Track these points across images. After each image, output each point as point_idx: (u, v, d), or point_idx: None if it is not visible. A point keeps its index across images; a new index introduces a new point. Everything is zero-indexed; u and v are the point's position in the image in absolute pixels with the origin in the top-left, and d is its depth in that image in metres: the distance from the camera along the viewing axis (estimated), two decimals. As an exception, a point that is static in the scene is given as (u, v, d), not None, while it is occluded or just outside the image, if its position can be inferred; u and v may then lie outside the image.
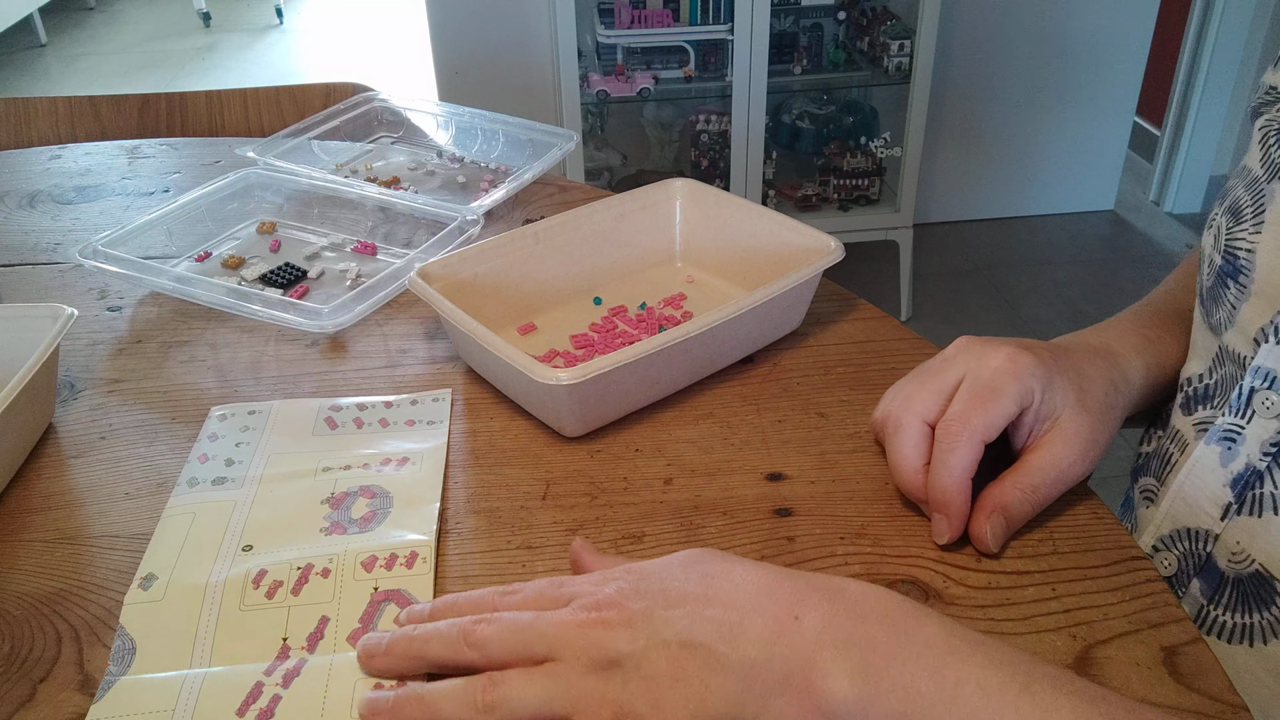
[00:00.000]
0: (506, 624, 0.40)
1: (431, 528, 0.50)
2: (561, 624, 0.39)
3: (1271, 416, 0.48)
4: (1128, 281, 2.41)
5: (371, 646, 0.42)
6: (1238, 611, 0.50)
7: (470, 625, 0.41)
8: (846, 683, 0.35)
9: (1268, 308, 0.49)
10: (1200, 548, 0.52)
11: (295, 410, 0.59)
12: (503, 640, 0.40)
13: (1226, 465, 0.50)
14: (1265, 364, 0.49)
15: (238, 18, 4.43)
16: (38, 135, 1.12)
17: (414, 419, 0.58)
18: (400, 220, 0.79)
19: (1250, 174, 0.52)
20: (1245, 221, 0.51)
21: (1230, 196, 0.54)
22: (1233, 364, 0.52)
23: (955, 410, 0.49)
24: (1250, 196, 0.52)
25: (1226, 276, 0.52)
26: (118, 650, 0.44)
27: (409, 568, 0.48)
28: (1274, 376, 0.48)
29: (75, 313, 0.58)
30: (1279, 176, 0.50)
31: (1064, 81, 2.46)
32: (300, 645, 0.44)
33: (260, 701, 0.41)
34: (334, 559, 0.48)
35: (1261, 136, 0.52)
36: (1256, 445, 0.49)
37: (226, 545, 0.49)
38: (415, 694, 0.40)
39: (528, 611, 0.41)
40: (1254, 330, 0.50)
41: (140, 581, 0.47)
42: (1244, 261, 0.51)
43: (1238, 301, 0.51)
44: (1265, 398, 0.48)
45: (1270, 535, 0.48)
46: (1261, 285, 0.50)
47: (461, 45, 2.21)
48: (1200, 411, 0.54)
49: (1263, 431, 0.49)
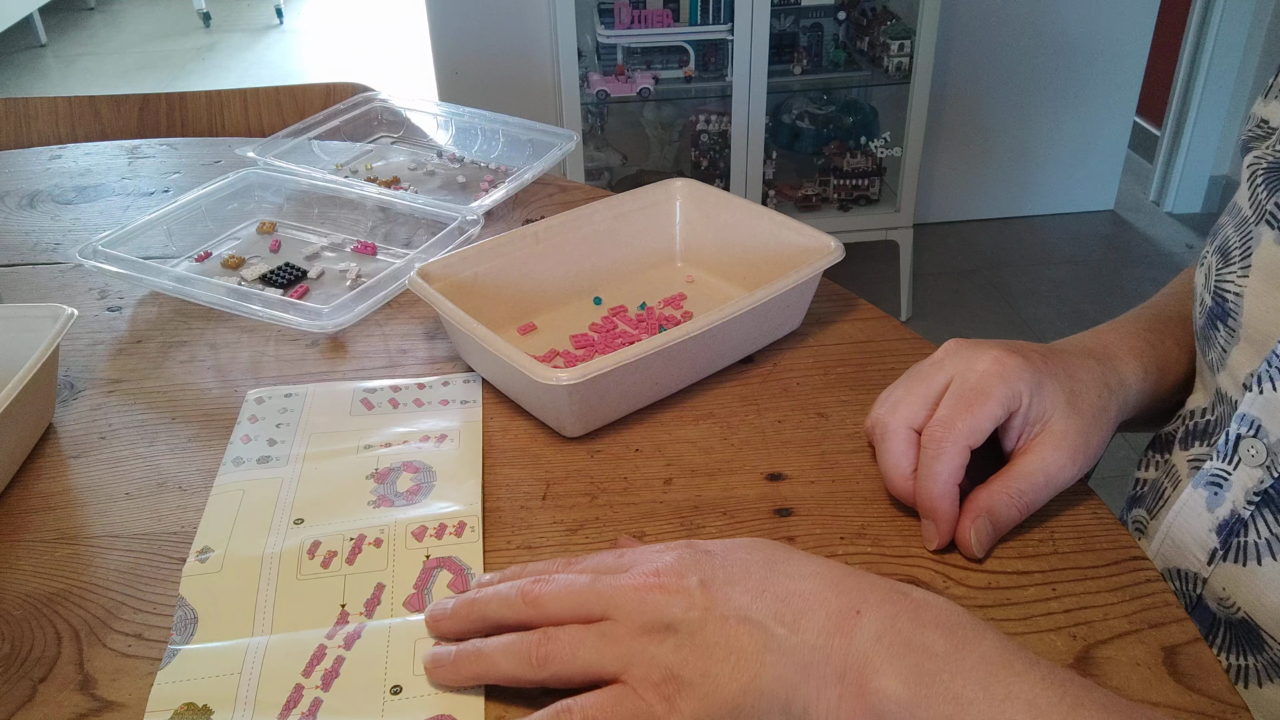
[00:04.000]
0: (564, 584, 0.41)
1: (476, 499, 0.52)
2: (619, 586, 0.40)
3: (1256, 465, 0.48)
4: (1128, 281, 2.41)
5: (437, 612, 0.44)
6: (1231, 653, 0.50)
7: (529, 585, 0.42)
8: (899, 685, 0.36)
9: (1255, 354, 0.49)
10: (1191, 590, 0.52)
11: (331, 392, 0.61)
12: (560, 599, 0.41)
13: (1213, 510, 0.50)
14: (1250, 412, 0.48)
15: (238, 18, 4.43)
16: (38, 135, 1.12)
17: (448, 399, 0.60)
18: (400, 220, 0.79)
19: (1240, 213, 0.52)
20: (1234, 263, 0.51)
21: (1220, 235, 0.53)
22: (1226, 405, 0.51)
23: (941, 416, 0.48)
24: (1239, 238, 0.51)
25: (1216, 319, 0.52)
26: (180, 620, 0.45)
27: (458, 536, 0.50)
28: (1258, 424, 0.48)
29: (75, 313, 0.58)
30: (1266, 219, 0.49)
31: (1064, 81, 2.46)
32: (359, 611, 0.46)
33: (324, 663, 0.43)
34: (385, 530, 0.50)
35: (1249, 175, 0.51)
36: (1241, 492, 0.48)
37: (278, 519, 0.51)
38: (474, 649, 0.41)
39: (587, 574, 0.42)
40: (1243, 375, 0.49)
41: (197, 555, 0.49)
42: (1232, 305, 0.50)
43: (1228, 345, 0.51)
44: (1250, 445, 0.48)
45: (1254, 584, 0.48)
46: (1249, 331, 0.49)
47: (461, 45, 2.21)
48: (1196, 448, 0.54)
49: (1248, 479, 0.48)
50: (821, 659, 0.37)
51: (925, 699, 0.35)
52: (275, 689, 0.42)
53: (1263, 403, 0.48)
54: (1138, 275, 2.43)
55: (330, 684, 0.42)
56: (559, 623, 0.40)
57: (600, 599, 0.40)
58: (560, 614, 0.41)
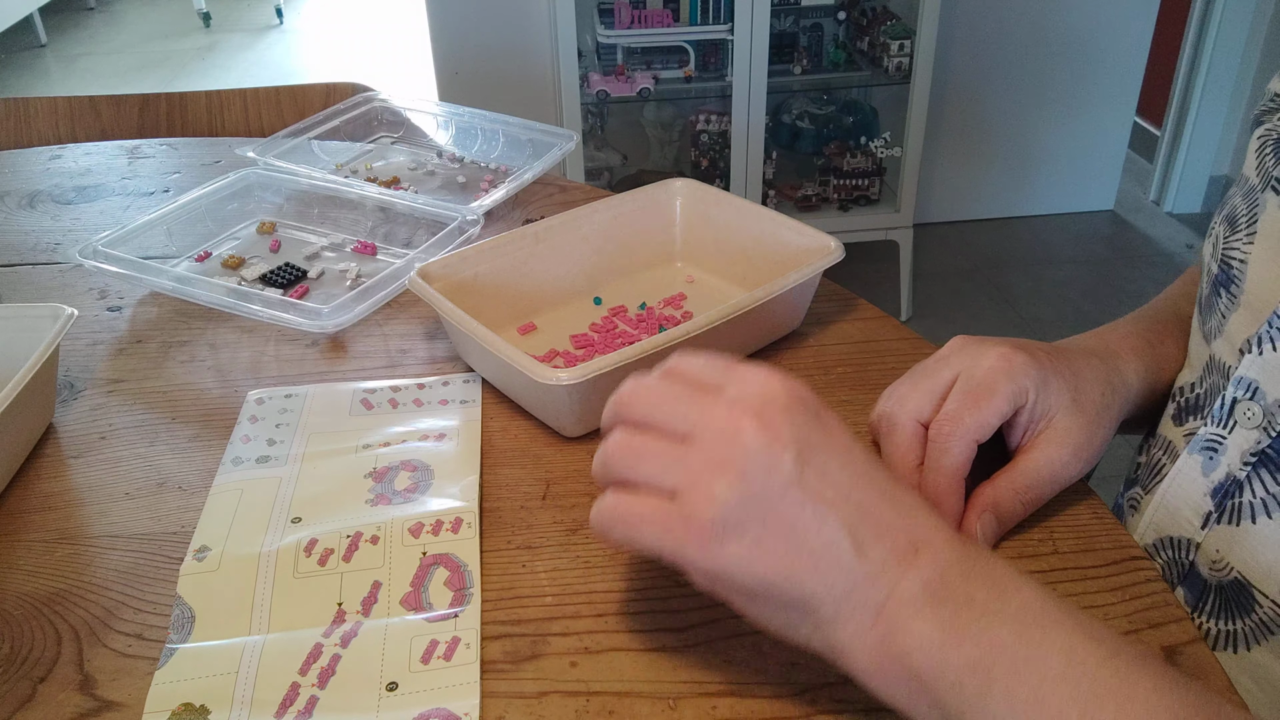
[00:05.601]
0: (660, 391, 0.40)
1: (474, 495, 0.52)
2: (711, 412, 0.39)
3: (1252, 427, 0.48)
4: (1128, 281, 2.41)
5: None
6: (1220, 619, 0.50)
7: (628, 393, 0.41)
8: (934, 629, 0.36)
9: (1253, 320, 0.49)
10: (1183, 556, 0.52)
11: (330, 393, 0.61)
12: (649, 405, 0.40)
13: (1208, 475, 0.50)
14: (1248, 374, 0.48)
15: (238, 18, 4.43)
16: (38, 135, 1.12)
17: (447, 399, 0.60)
18: (400, 220, 0.79)
19: (1248, 183, 0.52)
20: (1240, 231, 0.51)
21: (1229, 205, 0.54)
22: (1219, 374, 0.52)
23: (948, 410, 0.48)
24: (1246, 206, 0.51)
25: (1220, 285, 0.52)
26: (177, 619, 0.45)
27: (455, 532, 0.49)
28: (1255, 387, 0.48)
29: (75, 313, 0.58)
30: (1272, 186, 0.49)
31: (1064, 81, 2.46)
32: (355, 609, 0.46)
33: (321, 661, 0.43)
34: (382, 527, 0.50)
35: (1259, 145, 0.52)
36: (1237, 455, 0.49)
37: (276, 518, 0.51)
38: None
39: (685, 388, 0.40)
40: (1240, 341, 0.50)
41: (195, 554, 0.49)
42: (1236, 271, 0.51)
43: (1228, 311, 0.51)
44: (1247, 408, 0.48)
45: (1248, 543, 0.48)
46: (1250, 297, 0.50)
47: (461, 45, 2.21)
48: (1190, 422, 0.54)
49: (1243, 441, 0.49)
50: (867, 585, 0.37)
51: (956, 642, 0.35)
52: (272, 687, 0.42)
53: (1261, 364, 0.48)
54: (1138, 275, 2.43)
55: (327, 682, 0.42)
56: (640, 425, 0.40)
57: (687, 420, 0.39)
58: (644, 417, 0.40)
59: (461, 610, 0.46)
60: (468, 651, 0.44)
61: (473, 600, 0.46)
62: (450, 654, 0.43)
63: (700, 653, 0.44)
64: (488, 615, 0.46)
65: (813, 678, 0.42)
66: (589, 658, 0.44)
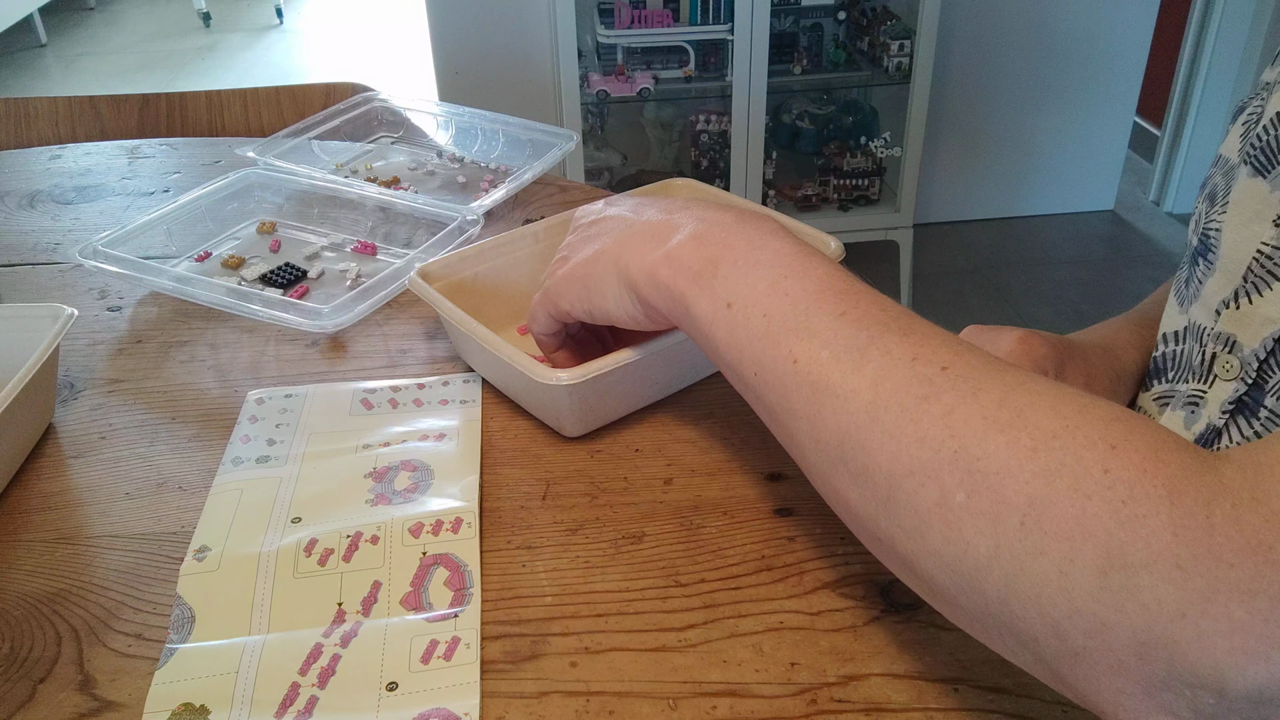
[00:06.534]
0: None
1: (474, 495, 0.52)
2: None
3: (1230, 378, 0.49)
4: (1128, 281, 2.41)
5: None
6: None
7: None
8: (691, 243, 0.46)
9: (1228, 283, 0.50)
10: None
11: (330, 393, 0.61)
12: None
13: (1190, 428, 0.51)
14: (1226, 329, 0.49)
15: (238, 18, 4.43)
16: (38, 135, 1.12)
17: (447, 398, 0.60)
18: (400, 220, 0.79)
19: (1228, 163, 0.53)
20: (1218, 204, 0.52)
21: (1210, 184, 0.55)
22: (1194, 339, 0.52)
23: None
24: (1224, 180, 0.53)
25: (1198, 255, 0.53)
26: (177, 619, 0.45)
27: (454, 532, 0.49)
28: (1233, 340, 0.49)
29: (75, 313, 0.58)
30: (1245, 159, 0.50)
31: (1064, 81, 2.46)
32: (355, 609, 0.46)
33: (321, 661, 0.43)
34: (382, 527, 0.50)
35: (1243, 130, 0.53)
36: (1216, 406, 0.50)
37: (276, 518, 0.51)
38: None
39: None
40: (1216, 302, 0.51)
41: (194, 554, 0.49)
42: (1213, 240, 0.52)
43: (1204, 277, 0.52)
44: (1225, 361, 0.49)
45: None
46: (1225, 262, 0.50)
47: (461, 45, 2.21)
48: (1157, 386, 0.55)
49: (1222, 392, 0.49)
50: (646, 231, 0.48)
51: (704, 253, 0.45)
52: (272, 688, 0.42)
53: (1238, 317, 0.49)
54: (1138, 275, 2.43)
55: (327, 682, 0.42)
56: None
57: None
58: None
59: (461, 610, 0.46)
60: (468, 651, 0.44)
61: (473, 600, 0.46)
62: (450, 654, 0.43)
63: (700, 653, 0.44)
64: (488, 615, 0.46)
65: (813, 678, 0.43)
66: (589, 658, 0.44)
